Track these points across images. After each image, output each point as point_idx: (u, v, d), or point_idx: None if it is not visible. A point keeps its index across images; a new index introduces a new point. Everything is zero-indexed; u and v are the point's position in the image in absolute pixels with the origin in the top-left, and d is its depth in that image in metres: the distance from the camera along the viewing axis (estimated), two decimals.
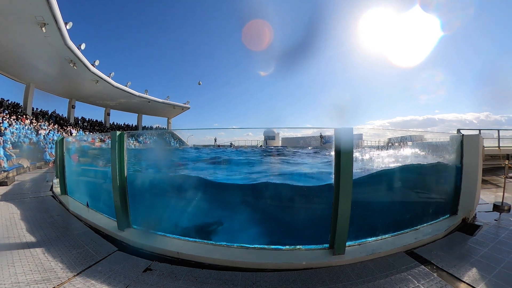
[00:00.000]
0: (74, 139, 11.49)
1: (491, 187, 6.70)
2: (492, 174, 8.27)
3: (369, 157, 4.26)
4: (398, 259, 2.81)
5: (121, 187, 3.46)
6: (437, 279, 2.40)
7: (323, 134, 10.48)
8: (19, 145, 14.15)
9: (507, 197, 4.94)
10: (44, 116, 25.94)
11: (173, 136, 30.81)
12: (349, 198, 2.72)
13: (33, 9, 13.82)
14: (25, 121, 19.94)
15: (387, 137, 4.95)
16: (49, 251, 2.95)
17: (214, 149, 11.27)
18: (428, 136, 5.86)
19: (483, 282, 2.32)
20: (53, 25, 15.55)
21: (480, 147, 4.07)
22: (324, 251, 2.95)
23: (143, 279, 2.43)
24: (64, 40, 17.49)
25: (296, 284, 2.36)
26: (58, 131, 23.35)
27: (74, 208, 4.67)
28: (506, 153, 6.02)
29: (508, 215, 4.27)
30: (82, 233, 3.63)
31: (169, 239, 3.30)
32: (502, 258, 2.76)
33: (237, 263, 2.74)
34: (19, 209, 4.73)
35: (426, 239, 3.25)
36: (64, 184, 5.84)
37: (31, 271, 2.49)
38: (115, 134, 3.46)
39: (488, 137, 10.97)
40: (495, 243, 3.18)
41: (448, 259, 2.77)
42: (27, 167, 11.56)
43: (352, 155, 2.75)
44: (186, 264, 2.77)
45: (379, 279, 2.41)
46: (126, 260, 2.83)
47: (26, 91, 23.84)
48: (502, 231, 3.56)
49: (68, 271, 2.52)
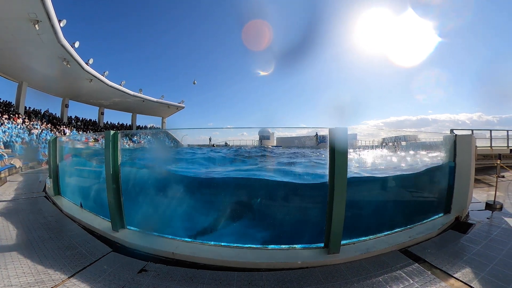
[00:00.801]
0: (68, 138, 11.35)
1: (484, 186, 6.81)
2: (485, 173, 8.40)
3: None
4: (393, 257, 2.84)
5: (115, 187, 3.43)
6: (431, 276, 2.43)
7: (318, 134, 10.54)
8: (11, 145, 13.93)
9: (499, 196, 5.03)
10: (37, 115, 25.56)
11: (168, 136, 30.65)
12: (344, 198, 2.74)
13: (26, 5, 13.59)
14: (17, 120, 19.63)
15: (382, 137, 5.00)
16: (42, 253, 2.91)
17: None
18: (422, 136, 5.93)
19: (476, 279, 2.36)
20: (47, 23, 15.30)
21: (472, 147, 4.13)
22: (319, 250, 2.96)
23: (138, 280, 2.41)
24: (57, 38, 17.23)
25: (292, 283, 2.37)
26: (51, 131, 23.04)
27: (67, 209, 4.62)
28: (498, 153, 6.15)
29: (500, 213, 4.35)
30: (76, 234, 3.58)
31: (163, 240, 3.28)
32: (495, 256, 2.81)
33: (232, 263, 2.74)
34: (11, 210, 4.65)
35: (420, 238, 3.29)
36: (58, 184, 5.76)
37: (24, 274, 2.45)
38: (109, 134, 3.42)
39: (480, 137, 11.16)
40: (487, 241, 3.23)
41: (442, 257, 2.80)
42: (20, 167, 11.37)
43: (346, 155, 2.76)
44: (181, 265, 2.75)
45: (373, 278, 2.43)
46: (121, 261, 2.80)
47: (18, 90, 23.43)
48: (494, 229, 3.62)
49: (62, 273, 2.48)
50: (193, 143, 11.84)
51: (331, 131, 2.82)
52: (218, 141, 14.79)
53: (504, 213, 4.37)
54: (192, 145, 11.69)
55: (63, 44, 18.22)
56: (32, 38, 16.57)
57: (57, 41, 17.59)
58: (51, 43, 17.71)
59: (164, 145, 9.12)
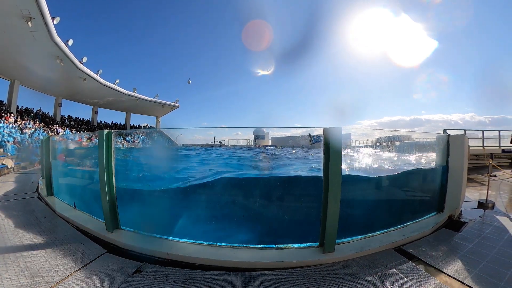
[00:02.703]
0: (61, 138, 11.19)
1: (476, 185, 6.91)
2: (477, 172, 8.52)
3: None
4: (387, 255, 2.86)
5: (109, 187, 3.39)
6: (425, 274, 2.45)
7: (312, 133, 10.59)
8: (3, 144, 13.68)
9: (491, 195, 5.11)
10: (30, 114, 25.15)
11: (162, 135, 30.44)
12: (338, 197, 2.75)
13: (19, 2, 13.34)
14: (9, 119, 19.28)
15: (375, 136, 5.04)
16: (35, 255, 2.86)
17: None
18: (415, 136, 5.99)
19: (469, 276, 2.39)
20: (40, 20, 15.07)
21: (465, 147, 4.18)
22: (314, 249, 2.97)
23: (133, 281, 2.39)
24: (51, 35, 16.99)
25: (287, 282, 2.37)
26: (44, 130, 22.70)
27: (60, 210, 4.55)
28: (490, 153, 6.26)
29: (492, 212, 4.42)
30: (69, 235, 3.54)
31: (158, 240, 3.26)
32: (487, 253, 2.86)
33: (228, 263, 2.73)
34: (3, 211, 4.56)
35: (414, 236, 3.33)
36: (51, 184, 5.67)
37: (17, 276, 2.41)
38: (103, 133, 3.38)
39: (473, 137, 11.34)
40: (480, 238, 3.28)
41: (436, 255, 2.84)
42: (11, 168, 11.17)
43: (341, 154, 2.78)
44: (176, 265, 2.74)
45: (368, 276, 2.44)
46: (115, 262, 2.77)
47: (10, 88, 23.05)
48: (486, 227, 3.67)
49: (55, 275, 2.45)
50: (188, 143, 11.71)
51: (325, 131, 2.83)
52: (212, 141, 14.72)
53: (496, 211, 4.44)
54: (187, 144, 11.56)
55: (56, 41, 17.97)
56: (25, 36, 16.31)
57: (50, 39, 17.34)
58: (44, 41, 17.45)
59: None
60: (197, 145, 10.92)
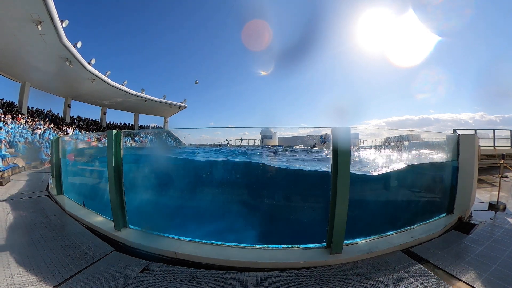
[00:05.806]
0: (70, 138, 11.39)
1: (487, 186, 6.77)
2: (488, 173, 8.34)
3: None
4: (395, 258, 2.82)
5: (118, 187, 3.44)
6: (433, 277, 2.41)
7: (320, 133, 10.52)
8: (14, 144, 14.00)
9: (502, 196, 4.99)
10: (40, 115, 25.68)
11: (170, 136, 30.66)
12: (346, 198, 2.73)
13: (28, 6, 13.63)
14: (20, 120, 19.73)
15: (384, 136, 4.97)
16: (45, 252, 2.92)
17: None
18: (425, 136, 5.90)
19: (479, 280, 2.34)
20: (49, 23, 15.34)
21: (476, 147, 4.10)
22: (321, 250, 2.95)
23: (141, 280, 2.41)
24: (60, 38, 17.28)
25: (294, 283, 2.36)
26: (54, 130, 23.14)
27: (70, 208, 4.63)
28: (501, 153, 6.09)
29: (503, 214, 4.32)
30: (78, 233, 3.59)
31: (166, 239, 3.29)
32: (498, 256, 2.79)
33: (235, 263, 2.74)
34: (14, 209, 4.67)
35: (422, 238, 3.27)
36: (60, 183, 5.78)
37: (27, 273, 2.46)
38: (111, 133, 3.43)
39: (483, 137, 11.06)
40: (490, 241, 3.21)
41: (445, 258, 2.79)
42: (23, 167, 11.43)
43: (349, 154, 2.75)
44: (183, 264, 2.76)
45: (376, 278, 2.42)
46: (123, 260, 2.81)
47: (21, 90, 23.53)
48: (497, 230, 3.59)
49: (64, 272, 2.49)
50: (195, 143, 11.72)
51: (333, 130, 2.81)
52: (219, 140, 14.75)
53: (507, 213, 4.34)
54: (194, 144, 11.58)
55: (65, 44, 18.27)
56: (35, 39, 16.63)
57: (59, 42, 17.63)
58: (54, 44, 17.76)
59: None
60: (205, 145, 10.93)
